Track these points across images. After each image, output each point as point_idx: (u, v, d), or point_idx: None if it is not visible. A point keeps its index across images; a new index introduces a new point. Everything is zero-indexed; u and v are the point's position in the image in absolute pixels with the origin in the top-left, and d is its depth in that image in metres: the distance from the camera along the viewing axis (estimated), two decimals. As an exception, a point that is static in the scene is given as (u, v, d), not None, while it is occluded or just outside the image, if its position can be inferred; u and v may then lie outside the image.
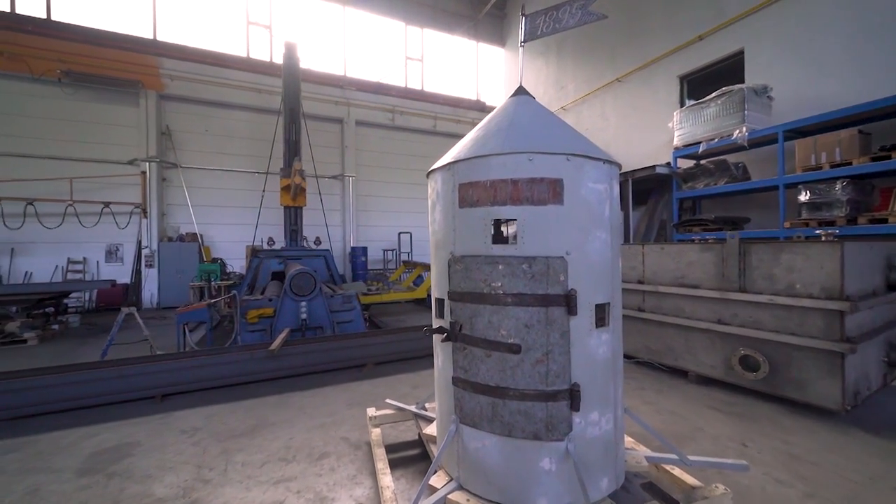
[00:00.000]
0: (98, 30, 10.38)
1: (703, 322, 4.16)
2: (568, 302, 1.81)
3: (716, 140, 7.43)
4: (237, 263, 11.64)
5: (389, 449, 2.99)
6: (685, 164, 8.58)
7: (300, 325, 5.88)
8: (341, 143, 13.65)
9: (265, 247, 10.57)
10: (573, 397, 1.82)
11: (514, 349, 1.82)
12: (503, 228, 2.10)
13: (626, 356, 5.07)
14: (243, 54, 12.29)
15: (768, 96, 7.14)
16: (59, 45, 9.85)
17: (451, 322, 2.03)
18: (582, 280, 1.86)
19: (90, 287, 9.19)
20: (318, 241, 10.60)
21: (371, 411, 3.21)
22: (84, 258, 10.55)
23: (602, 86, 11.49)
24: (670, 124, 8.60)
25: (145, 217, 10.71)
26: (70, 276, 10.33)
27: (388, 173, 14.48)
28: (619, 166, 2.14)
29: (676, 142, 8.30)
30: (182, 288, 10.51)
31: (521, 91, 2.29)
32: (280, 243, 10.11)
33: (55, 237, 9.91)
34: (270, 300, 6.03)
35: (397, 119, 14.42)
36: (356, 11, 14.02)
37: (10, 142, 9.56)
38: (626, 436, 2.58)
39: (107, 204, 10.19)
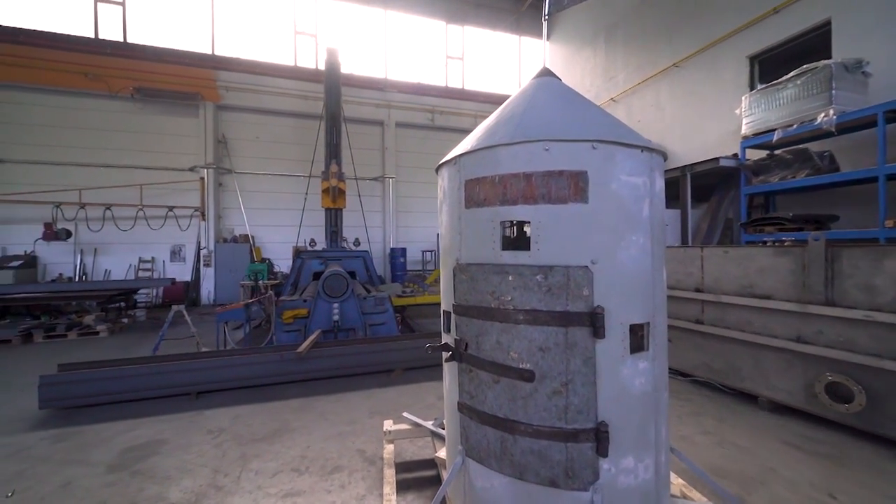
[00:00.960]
0: (164, 48, 11.32)
1: (778, 339, 3.52)
2: (593, 321, 1.48)
3: (794, 126, 6.42)
4: (284, 264, 12.14)
5: (404, 468, 2.79)
6: (755, 154, 7.56)
7: (332, 326, 5.89)
8: (382, 145, 13.81)
9: (308, 248, 10.92)
10: (600, 439, 1.48)
11: (526, 376, 1.52)
12: (513, 231, 1.79)
13: (681, 374, 4.48)
14: (291, 63, 12.83)
15: (863, 72, 6.03)
16: (132, 65, 10.86)
17: (455, 339, 1.77)
18: (612, 295, 1.52)
19: (152, 285, 10.03)
20: (357, 243, 10.76)
21: (388, 424, 3.03)
22: (153, 258, 11.55)
23: (656, 73, 10.54)
24: (738, 111, 7.62)
25: (203, 220, 11.52)
26: (141, 273, 11.36)
27: (428, 174, 14.43)
28: (664, 155, 1.75)
29: (745, 130, 7.32)
30: (235, 286, 11.16)
31: (544, 73, 1.97)
32: (321, 244, 10.39)
33: (128, 238, 10.94)
34: (305, 301, 6.11)
35: (437, 119, 14.32)
36: (397, 14, 14.12)
37: (90, 153, 10.71)
38: (675, 477, 2.16)
39: (171, 208, 11.10)
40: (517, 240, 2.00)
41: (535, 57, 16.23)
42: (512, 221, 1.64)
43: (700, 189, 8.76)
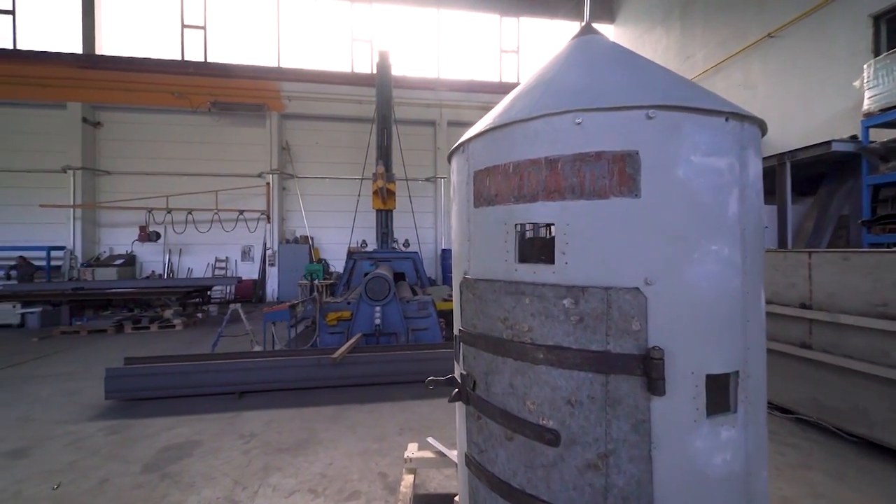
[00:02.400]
0: (236, 65, 12.28)
1: (930, 379, 2.60)
2: (647, 369, 1.01)
3: (944, 95, 4.99)
4: (340, 264, 12.53)
5: (423, 501, 2.46)
6: (882, 135, 6.06)
7: (374, 330, 5.77)
8: (434, 146, 13.69)
9: (360, 249, 11.13)
10: (656, 541, 1.01)
11: (548, 438, 1.10)
12: (534, 238, 1.37)
13: (780, 409, 3.61)
14: (348, 69, 13.22)
15: None
16: (210, 82, 11.92)
17: (461, 374, 1.40)
18: (677, 330, 1.04)
19: (221, 283, 10.89)
20: (406, 244, 10.71)
21: (411, 449, 2.73)
22: (227, 257, 12.59)
23: (745, 47, 9.07)
24: (856, 83, 6.19)
25: (269, 222, 12.30)
26: (217, 272, 12.44)
27: (480, 173, 14.02)
28: (762, 126, 1.21)
29: (868, 106, 5.91)
30: (296, 285, 11.74)
31: (585, 31, 1.51)
32: (372, 245, 10.51)
33: (206, 240, 12.03)
34: (349, 303, 6.08)
35: (491, 116, 13.86)
36: (450, 12, 13.92)
37: (175, 164, 11.95)
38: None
39: (241, 212, 12.00)
40: (538, 249, 1.56)
41: (597, 43, 15.02)
42: (531, 224, 1.24)
43: (802, 180, 7.31)
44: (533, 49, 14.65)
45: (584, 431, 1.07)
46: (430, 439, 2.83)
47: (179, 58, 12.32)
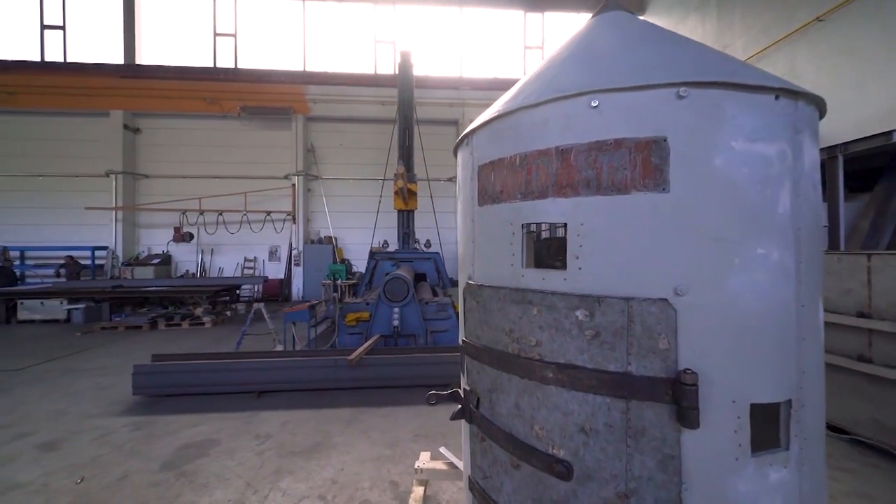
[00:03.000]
0: (264, 70, 12.61)
1: None
2: (676, 395, 0.85)
3: None
4: (363, 264, 12.63)
5: (434, 516, 2.35)
6: (955, 123, 5.42)
7: (392, 331, 5.72)
8: (457, 145, 13.57)
9: (381, 249, 11.16)
10: None
11: (559, 470, 0.96)
12: (543, 239, 1.23)
13: (834, 428, 3.26)
14: (371, 71, 13.31)
15: None
16: (240, 87, 12.31)
17: (465, 389, 1.27)
18: (714, 350, 0.87)
19: (248, 282, 11.20)
20: (428, 244, 10.65)
21: (423, 459, 2.62)
22: (255, 257, 12.96)
23: (790, 32, 8.41)
24: (922, 66, 5.57)
25: (294, 223, 12.56)
26: (245, 271, 12.82)
27: (504, 172, 13.78)
28: (820, 105, 1.02)
29: (936, 91, 5.30)
30: (320, 284, 11.92)
31: (609, 6, 1.35)
32: (394, 246, 10.51)
33: (236, 240, 12.42)
34: (368, 304, 6.06)
35: (514, 114, 13.59)
36: (473, 9, 13.76)
37: (206, 167, 12.41)
38: None
39: (268, 213, 12.32)
40: (548, 252, 1.41)
41: (627, 36, 14.44)
42: (539, 224, 1.09)
43: (856, 176, 6.68)
44: (558, 44, 14.26)
45: (600, 465, 0.92)
46: (442, 449, 2.71)
47: (212, 65, 12.79)
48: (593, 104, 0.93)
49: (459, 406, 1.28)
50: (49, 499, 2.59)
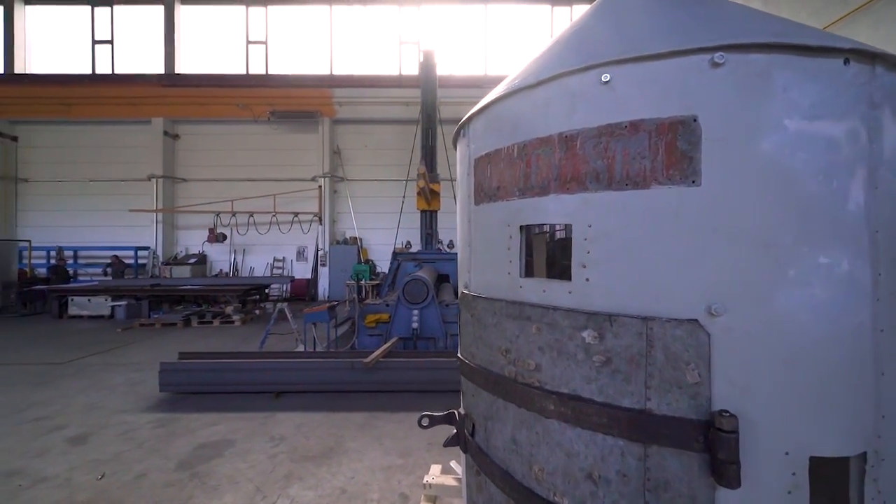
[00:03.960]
0: (292, 75, 12.93)
1: None
2: (710, 443, 0.67)
3: None
4: (387, 265, 12.68)
5: (443, 536, 2.20)
6: None
7: (412, 334, 5.63)
8: (481, 144, 13.37)
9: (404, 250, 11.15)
10: None
11: (561, 522, 0.79)
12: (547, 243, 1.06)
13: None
14: (395, 72, 13.36)
15: None
16: (270, 93, 12.67)
17: (461, 413, 1.13)
18: (762, 386, 0.68)
19: (275, 282, 11.47)
20: (451, 245, 10.53)
21: (433, 472, 2.48)
22: (283, 257, 13.31)
23: (849, 12, 7.65)
24: None
25: (321, 224, 12.79)
26: (275, 271, 13.18)
27: (530, 171, 13.43)
28: (906, 74, 0.80)
29: None
30: (345, 284, 12.08)
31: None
32: (417, 246, 10.46)
33: (265, 241, 12.80)
34: (387, 305, 6.00)
35: (541, 111, 13.22)
36: (498, 6, 13.53)
37: (238, 170, 12.87)
38: None
39: (296, 214, 12.61)
40: (550, 259, 1.23)
41: (661, 26, 13.73)
42: (540, 226, 0.93)
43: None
44: (587, 38, 13.76)
45: (611, 522, 0.75)
46: (453, 463, 2.57)
47: (244, 72, 13.26)
48: (604, 79, 0.76)
49: (455, 432, 1.13)
50: (70, 494, 2.66)
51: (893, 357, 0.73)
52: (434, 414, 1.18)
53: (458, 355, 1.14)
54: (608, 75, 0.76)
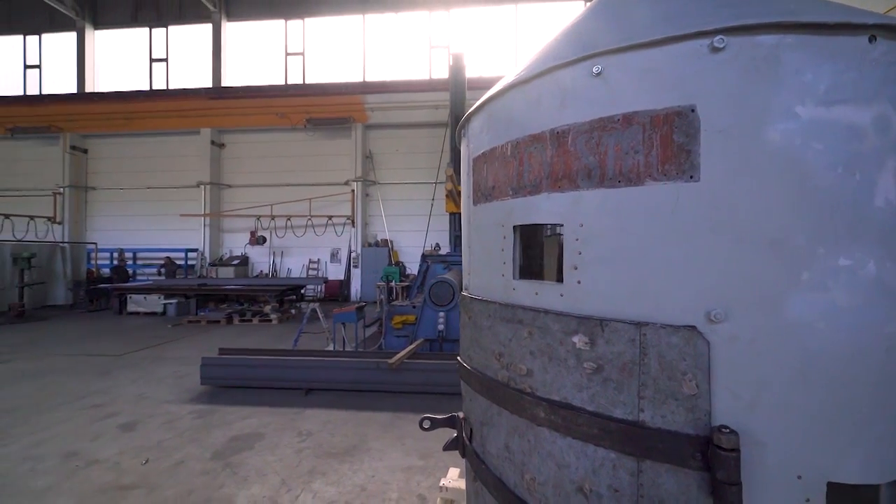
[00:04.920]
0: (327, 83, 13.41)
1: None
2: (709, 461, 0.62)
3: None
4: (417, 267, 12.82)
5: (458, 541, 2.18)
6: None
7: (437, 336, 5.64)
8: (511, 145, 13.22)
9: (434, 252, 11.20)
10: None
11: (551, 536, 0.76)
12: (538, 244, 1.02)
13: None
14: (426, 77, 13.51)
15: None
16: (306, 101, 13.21)
17: (460, 416, 1.11)
18: (770, 401, 0.62)
19: (312, 283, 11.90)
20: (480, 247, 10.45)
21: (450, 476, 2.46)
22: (318, 259, 13.79)
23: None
24: None
25: (353, 227, 13.14)
26: (310, 272, 13.69)
27: (562, 171, 13.10)
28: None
29: None
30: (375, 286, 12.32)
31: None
32: (446, 248, 10.48)
33: (302, 243, 13.32)
34: (414, 307, 6.06)
35: (573, 110, 12.88)
36: (529, 5, 13.35)
37: (277, 175, 13.50)
38: None
39: (330, 217, 13.03)
40: (543, 260, 1.18)
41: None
42: (535, 226, 0.90)
43: None
44: (623, 32, 13.26)
45: (602, 540, 0.71)
46: (470, 467, 2.54)
47: (282, 82, 13.92)
48: (596, 70, 0.73)
49: (455, 435, 1.12)
50: (118, 477, 2.88)
51: (935, 373, 0.63)
52: (436, 417, 1.17)
53: (458, 358, 1.12)
54: (599, 66, 0.72)
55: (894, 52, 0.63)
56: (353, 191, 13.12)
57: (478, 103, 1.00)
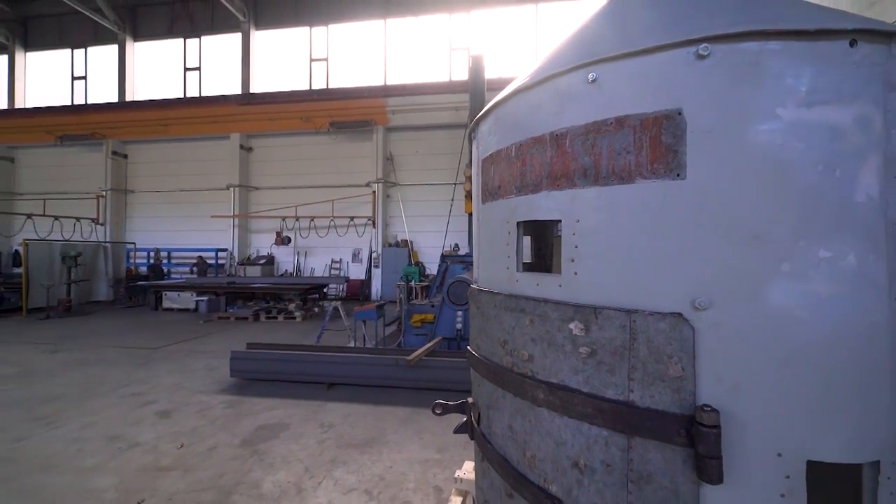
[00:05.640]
0: (350, 88, 13.73)
1: None
2: (691, 437, 0.67)
3: None
4: (436, 267, 12.93)
5: (471, 531, 2.24)
6: None
7: (455, 334, 5.71)
8: (531, 146, 13.15)
9: (453, 252, 11.28)
10: None
11: (549, 508, 0.82)
12: (538, 239, 1.08)
13: None
14: (446, 79, 13.63)
15: None
16: (330, 105, 13.57)
17: (470, 402, 1.18)
18: (751, 383, 0.66)
19: (334, 282, 12.20)
20: (499, 248, 10.46)
21: (465, 468, 2.53)
22: (340, 259, 14.13)
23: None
24: None
25: (374, 227, 13.39)
26: (332, 272, 14.04)
27: (583, 171, 12.92)
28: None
29: None
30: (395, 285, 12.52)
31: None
32: (465, 249, 10.54)
33: (325, 243, 13.69)
34: (432, 306, 6.16)
35: (595, 108, 12.70)
36: (549, 5, 13.26)
37: (301, 178, 13.93)
38: None
39: (351, 218, 13.32)
40: (543, 254, 1.23)
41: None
42: (535, 222, 0.95)
43: None
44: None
45: (596, 511, 0.76)
46: (485, 461, 2.60)
47: (307, 87, 14.35)
48: (590, 78, 0.79)
49: (465, 419, 1.19)
50: (156, 458, 3.10)
51: (919, 361, 0.66)
52: (447, 403, 1.24)
53: (468, 347, 1.19)
54: (594, 74, 0.78)
55: (875, 55, 0.66)
56: (374, 192, 13.37)
57: (486, 107, 1.07)
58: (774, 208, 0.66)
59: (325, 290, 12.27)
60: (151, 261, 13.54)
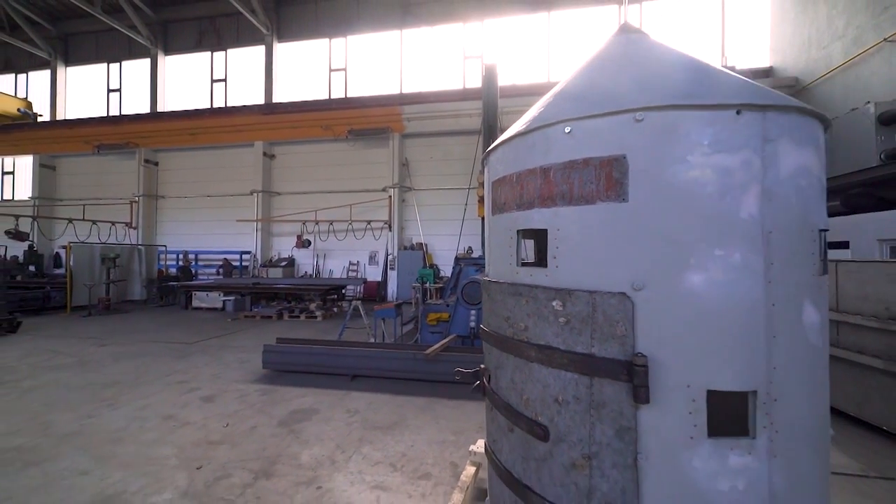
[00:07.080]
0: (367, 96, 14.25)
1: None
2: (630, 375, 1.00)
3: None
4: (450, 269, 13.28)
5: (482, 494, 2.58)
6: None
7: (469, 332, 6.05)
8: (544, 150, 13.41)
9: (466, 255, 11.62)
10: (641, 557, 0.98)
11: (538, 432, 1.16)
12: (535, 243, 1.42)
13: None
14: (460, 86, 14.03)
15: None
16: (348, 113, 14.12)
17: (482, 367, 1.53)
18: (669, 338, 1.00)
19: (352, 283, 12.68)
20: (512, 250, 10.74)
21: (479, 445, 2.87)
22: (358, 261, 14.63)
23: None
24: None
25: (390, 231, 13.85)
26: (350, 274, 14.54)
27: (595, 175, 13.11)
28: (809, 113, 1.05)
29: None
30: (411, 287, 12.92)
31: (623, 29, 1.49)
32: (478, 252, 10.86)
33: (343, 246, 14.22)
34: (448, 305, 6.50)
35: (607, 113, 12.89)
36: (562, 12, 13.55)
37: (321, 183, 14.51)
38: None
39: (368, 222, 13.82)
40: (536, 254, 1.56)
41: (748, 18, 12.58)
42: (530, 230, 1.29)
43: None
44: (659, 34, 13.11)
45: (569, 430, 1.10)
46: (496, 438, 2.92)
47: (327, 96, 14.96)
48: (567, 130, 1.13)
49: (478, 382, 1.54)
50: (207, 434, 3.53)
51: (784, 324, 0.98)
52: (465, 371, 1.59)
53: (481, 325, 1.54)
54: (569, 128, 1.13)
55: (754, 120, 0.99)
56: (390, 197, 13.84)
57: (496, 142, 1.42)
58: (686, 222, 0.99)
59: (343, 290, 12.75)
60: (181, 262, 14.29)
